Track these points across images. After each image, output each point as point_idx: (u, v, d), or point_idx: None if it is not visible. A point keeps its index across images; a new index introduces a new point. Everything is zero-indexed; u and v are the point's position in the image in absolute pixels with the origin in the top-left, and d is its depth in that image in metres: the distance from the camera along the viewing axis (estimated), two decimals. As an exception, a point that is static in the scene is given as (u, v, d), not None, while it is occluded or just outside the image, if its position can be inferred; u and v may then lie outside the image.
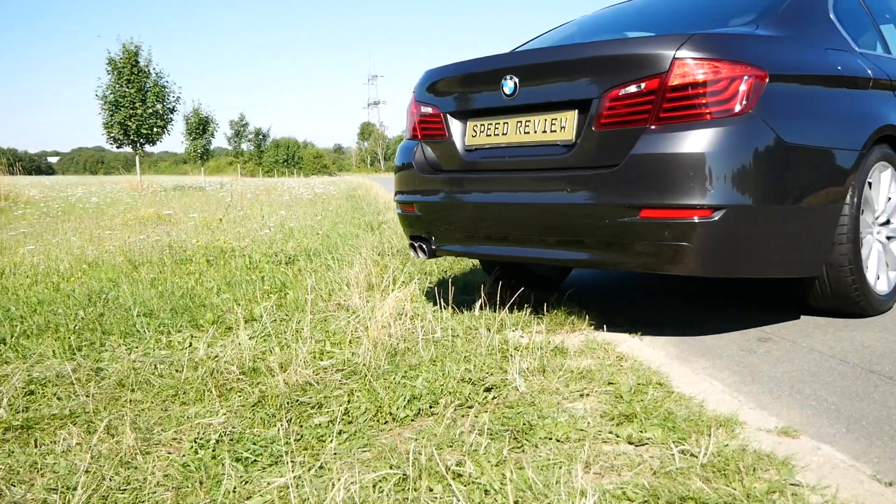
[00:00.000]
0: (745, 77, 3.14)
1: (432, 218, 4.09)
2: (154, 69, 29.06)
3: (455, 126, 4.02)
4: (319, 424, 2.43)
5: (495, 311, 3.86)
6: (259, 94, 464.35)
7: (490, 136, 3.84)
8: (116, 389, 2.88)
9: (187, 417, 2.55)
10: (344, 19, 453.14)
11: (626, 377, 2.79)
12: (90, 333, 3.70)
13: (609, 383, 2.74)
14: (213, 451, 2.24)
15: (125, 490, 2.02)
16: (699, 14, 4.30)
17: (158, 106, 28.98)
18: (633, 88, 3.26)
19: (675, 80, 3.15)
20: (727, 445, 2.11)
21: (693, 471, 1.96)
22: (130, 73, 28.11)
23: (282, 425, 2.42)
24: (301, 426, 2.44)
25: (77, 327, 3.77)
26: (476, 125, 3.92)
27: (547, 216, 3.51)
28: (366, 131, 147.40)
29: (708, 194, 3.06)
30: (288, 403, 2.63)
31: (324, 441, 2.31)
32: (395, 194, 4.35)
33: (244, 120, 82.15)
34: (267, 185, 29.17)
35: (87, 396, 2.79)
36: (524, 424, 2.33)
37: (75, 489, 1.99)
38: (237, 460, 2.18)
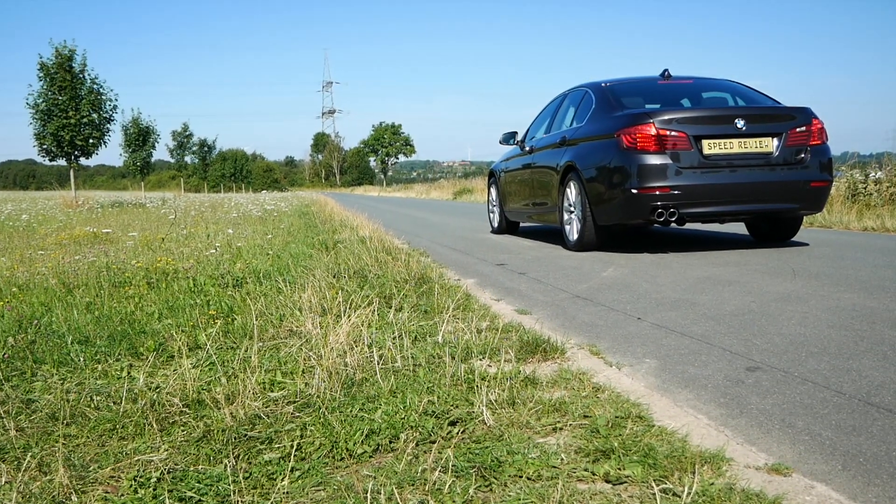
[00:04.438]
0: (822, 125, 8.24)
1: (684, 193, 7.81)
2: (89, 75, 28.92)
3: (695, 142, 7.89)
4: (270, 461, 2.42)
5: (460, 338, 3.86)
6: (204, 102, 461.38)
7: (722, 148, 7.89)
8: (48, 423, 2.84)
9: (126, 453, 2.52)
10: (297, 21, 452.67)
11: (603, 410, 2.79)
12: (20, 362, 3.65)
13: (584, 416, 2.74)
14: (154, 490, 2.22)
15: (57, 533, 2.00)
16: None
17: (94, 115, 28.82)
18: (802, 129, 8.05)
19: (815, 126, 8.10)
20: (713, 484, 2.12)
21: (672, 509, 1.96)
22: (63, 80, 27.91)
23: (229, 462, 2.40)
24: (250, 463, 2.42)
25: (6, 356, 3.72)
26: (711, 142, 7.89)
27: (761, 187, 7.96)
28: (320, 142, 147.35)
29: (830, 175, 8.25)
30: (235, 438, 2.61)
31: (274, 479, 2.29)
32: (644, 182, 7.86)
33: (188, 130, 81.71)
34: (213, 201, 29.01)
35: (16, 430, 2.75)
36: (492, 461, 2.32)
37: (2, 533, 1.97)
38: (180, 500, 2.15)
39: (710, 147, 7.88)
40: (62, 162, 29.41)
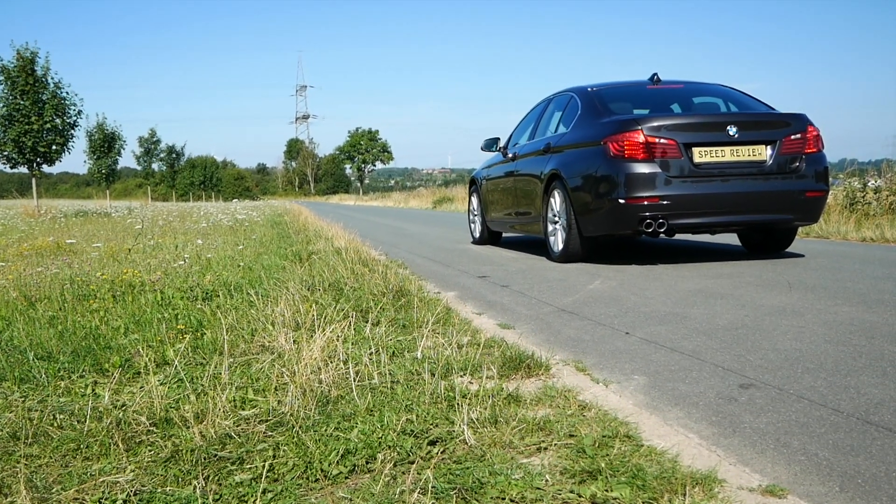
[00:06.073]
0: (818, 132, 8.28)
1: (673, 203, 7.81)
2: (53, 79, 28.83)
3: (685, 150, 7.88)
4: (241, 483, 2.41)
5: (440, 354, 3.86)
6: (172, 107, 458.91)
7: (713, 156, 7.89)
8: (9, 442, 2.83)
9: (90, 474, 2.51)
10: (269, 22, 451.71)
11: (590, 428, 2.79)
12: (-22, 379, 3.64)
13: (570, 436, 2.73)
14: (120, 513, 2.21)
15: (18, 559, 1.99)
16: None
17: (57, 120, 28.72)
18: (797, 136, 8.03)
19: (811, 133, 8.10)
20: (703, 505, 2.12)
21: (660, 531, 1.97)
22: (25, 84, 27.81)
23: (198, 483, 2.40)
24: (220, 484, 2.42)
25: (-38, 372, 3.70)
26: (702, 150, 7.88)
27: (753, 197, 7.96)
28: (294, 149, 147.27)
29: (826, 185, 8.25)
30: (205, 459, 2.60)
31: (246, 501, 2.29)
32: (632, 191, 7.83)
33: (155, 136, 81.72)
34: (182, 211, 28.92)
35: (-27, 452, 2.74)
36: (473, 482, 2.32)
37: (-40, 558, 1.96)
38: (147, 523, 2.15)
39: (700, 155, 7.87)
40: (24, 169, 29.29)
